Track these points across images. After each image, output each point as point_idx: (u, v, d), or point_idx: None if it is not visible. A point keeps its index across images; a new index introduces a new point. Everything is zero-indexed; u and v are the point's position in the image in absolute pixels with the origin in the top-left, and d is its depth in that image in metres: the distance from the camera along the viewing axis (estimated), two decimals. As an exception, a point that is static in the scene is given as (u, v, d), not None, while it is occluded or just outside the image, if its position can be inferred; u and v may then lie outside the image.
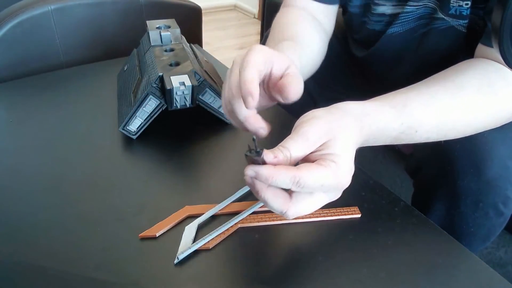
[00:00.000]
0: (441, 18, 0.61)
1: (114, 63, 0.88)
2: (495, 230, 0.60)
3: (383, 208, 0.53)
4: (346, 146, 0.39)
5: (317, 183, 0.37)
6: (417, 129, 0.45)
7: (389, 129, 0.44)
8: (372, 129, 0.43)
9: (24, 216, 0.51)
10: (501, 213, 0.57)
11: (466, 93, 0.47)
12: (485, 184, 0.53)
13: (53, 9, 0.90)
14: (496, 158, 0.53)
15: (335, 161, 0.38)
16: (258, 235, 0.49)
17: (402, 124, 0.44)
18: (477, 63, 0.51)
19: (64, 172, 0.58)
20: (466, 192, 0.55)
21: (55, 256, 0.46)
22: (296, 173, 0.36)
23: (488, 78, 0.49)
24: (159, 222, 0.50)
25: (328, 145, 0.38)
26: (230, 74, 0.46)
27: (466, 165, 0.54)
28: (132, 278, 0.43)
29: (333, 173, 0.37)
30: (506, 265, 0.79)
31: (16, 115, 0.72)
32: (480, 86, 0.48)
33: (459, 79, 0.49)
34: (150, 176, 0.58)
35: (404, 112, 0.44)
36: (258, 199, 0.39)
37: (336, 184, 0.38)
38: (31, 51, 0.91)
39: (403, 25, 0.66)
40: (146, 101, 0.63)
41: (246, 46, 2.79)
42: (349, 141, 0.40)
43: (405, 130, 0.45)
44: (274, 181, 0.36)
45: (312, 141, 0.38)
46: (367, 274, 0.44)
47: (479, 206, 0.55)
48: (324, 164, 0.37)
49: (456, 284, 0.44)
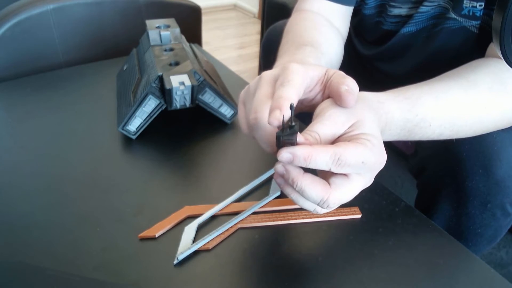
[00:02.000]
0: (453, 18, 0.61)
1: (114, 63, 0.88)
2: (501, 231, 0.60)
3: (383, 209, 0.53)
4: (374, 128, 0.38)
5: (359, 159, 0.35)
6: (431, 123, 0.44)
7: (404, 120, 0.43)
8: (388, 118, 0.41)
9: (24, 216, 0.51)
10: (508, 214, 0.57)
11: (479, 90, 0.47)
12: (494, 185, 0.53)
13: (52, 8, 0.90)
14: (505, 158, 0.52)
15: (369, 140, 0.36)
16: (258, 235, 0.49)
17: (416, 115, 0.43)
18: (489, 62, 0.51)
19: (63, 172, 0.58)
20: (475, 192, 0.54)
21: (55, 256, 0.45)
22: (336, 150, 0.34)
23: (501, 76, 0.49)
24: (159, 223, 0.49)
25: (358, 126, 0.37)
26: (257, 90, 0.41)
27: (475, 166, 0.53)
28: (132, 278, 0.43)
29: (370, 150, 0.35)
30: (507, 266, 0.79)
31: (15, 114, 0.71)
32: (492, 84, 0.48)
33: (472, 77, 0.48)
34: (149, 176, 0.58)
35: (418, 103, 0.43)
36: (290, 194, 0.37)
37: (375, 161, 0.36)
38: (30, 51, 0.91)
39: (417, 24, 0.66)
40: (146, 101, 0.62)
41: (246, 45, 2.80)
42: (375, 124, 0.39)
43: (419, 122, 0.44)
44: (314, 161, 0.33)
45: (340, 122, 0.37)
46: (367, 274, 0.44)
47: (487, 207, 0.55)
48: (360, 142, 0.35)
49: (457, 284, 0.44)
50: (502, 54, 0.32)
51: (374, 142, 0.36)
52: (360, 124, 0.37)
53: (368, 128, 0.37)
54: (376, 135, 0.37)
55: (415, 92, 0.45)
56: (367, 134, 0.36)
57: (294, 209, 0.53)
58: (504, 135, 0.53)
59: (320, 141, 0.36)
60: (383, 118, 0.41)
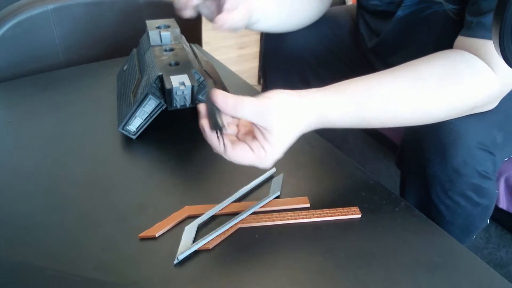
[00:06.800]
0: (439, 2, 0.63)
1: (114, 63, 0.88)
2: (474, 221, 0.62)
3: (383, 208, 0.53)
4: (283, 142, 0.45)
5: (240, 162, 0.45)
6: (370, 122, 0.50)
7: (341, 122, 0.49)
8: (325, 125, 0.48)
9: (24, 216, 0.51)
10: (475, 203, 0.59)
11: (427, 83, 0.50)
12: (452, 172, 0.55)
13: (52, 8, 0.90)
14: (461, 147, 0.54)
15: (266, 150, 0.44)
16: (258, 235, 0.49)
17: (356, 117, 0.49)
18: (447, 53, 0.52)
19: (63, 172, 0.58)
20: (434, 180, 0.57)
21: (55, 256, 0.45)
22: (228, 153, 0.45)
23: (454, 67, 0.50)
24: (159, 222, 0.49)
25: (271, 134, 0.44)
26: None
27: (433, 154, 0.56)
28: (132, 278, 0.43)
29: (258, 159, 0.45)
30: (507, 266, 0.79)
31: (15, 115, 0.72)
32: (442, 76, 0.50)
33: (423, 69, 0.51)
34: (150, 176, 0.58)
35: (362, 107, 0.49)
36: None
37: (257, 165, 0.46)
38: (30, 51, 0.90)
39: (406, 8, 0.68)
40: (146, 101, 0.62)
41: (246, 45, 2.79)
42: (290, 139, 0.46)
43: (360, 122, 0.50)
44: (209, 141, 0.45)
45: (264, 119, 0.43)
46: (367, 274, 0.44)
47: (448, 194, 0.58)
48: (255, 149, 0.45)
49: (457, 284, 0.44)
50: (502, 54, 0.32)
51: (268, 152, 0.45)
52: (268, 133, 0.44)
53: (274, 139, 0.44)
54: (276, 146, 0.44)
55: (360, 95, 0.49)
56: (268, 143, 0.44)
57: (294, 209, 0.53)
58: (460, 125, 0.54)
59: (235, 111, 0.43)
60: (322, 125, 0.48)
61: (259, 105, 0.43)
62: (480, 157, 0.55)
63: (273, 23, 0.69)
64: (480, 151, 0.55)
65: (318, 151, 0.64)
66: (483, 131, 0.55)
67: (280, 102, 0.44)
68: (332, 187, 0.57)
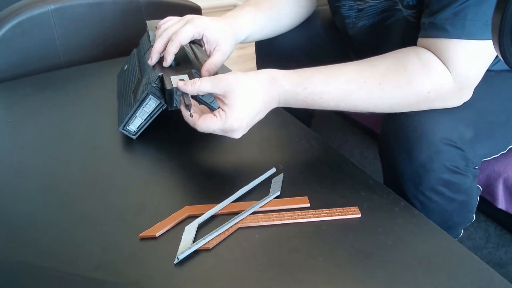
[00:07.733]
0: (400, 10, 0.64)
1: (114, 63, 0.88)
2: (450, 216, 0.62)
3: (383, 208, 0.53)
4: (240, 102, 0.52)
5: (209, 129, 0.54)
6: (322, 96, 0.54)
7: (294, 92, 0.55)
8: (280, 91, 0.55)
9: (24, 216, 0.51)
10: (449, 198, 0.59)
11: (375, 69, 0.54)
12: (420, 168, 0.56)
13: (53, 9, 0.90)
14: (426, 143, 0.55)
15: (225, 111, 0.53)
16: (258, 235, 0.49)
17: (305, 88, 0.54)
18: (404, 49, 0.55)
19: (63, 172, 0.58)
20: (404, 176, 0.58)
21: (55, 256, 0.46)
22: (196, 122, 0.54)
23: (404, 58, 0.54)
24: (159, 222, 0.50)
25: (227, 97, 0.52)
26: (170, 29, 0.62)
27: (400, 151, 0.58)
28: (132, 278, 0.43)
29: (222, 121, 0.52)
30: (506, 265, 0.79)
31: (15, 115, 0.72)
32: (390, 64, 0.54)
33: (376, 60, 0.55)
34: (150, 176, 0.58)
35: (308, 79, 0.54)
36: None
37: (225, 128, 0.53)
38: (31, 51, 0.91)
39: (369, 18, 0.70)
40: (146, 101, 0.62)
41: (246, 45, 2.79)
42: (247, 99, 0.53)
43: (310, 94, 0.54)
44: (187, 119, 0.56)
45: (219, 87, 0.53)
46: (367, 274, 0.44)
47: (419, 190, 0.58)
48: (217, 114, 0.53)
49: (456, 284, 0.44)
50: (502, 54, 0.32)
51: (228, 114, 0.52)
52: (229, 97, 0.52)
53: (233, 102, 0.52)
54: (236, 109, 0.52)
55: (310, 72, 0.55)
56: (228, 106, 0.52)
57: (294, 209, 0.53)
58: (425, 121, 0.55)
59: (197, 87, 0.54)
60: (276, 91, 0.55)
61: (214, 78, 0.53)
62: (447, 153, 0.55)
63: (261, 35, 0.74)
64: (447, 146, 0.55)
65: (318, 151, 0.64)
66: (449, 127, 0.55)
67: (233, 73, 0.54)
68: (332, 187, 0.57)
